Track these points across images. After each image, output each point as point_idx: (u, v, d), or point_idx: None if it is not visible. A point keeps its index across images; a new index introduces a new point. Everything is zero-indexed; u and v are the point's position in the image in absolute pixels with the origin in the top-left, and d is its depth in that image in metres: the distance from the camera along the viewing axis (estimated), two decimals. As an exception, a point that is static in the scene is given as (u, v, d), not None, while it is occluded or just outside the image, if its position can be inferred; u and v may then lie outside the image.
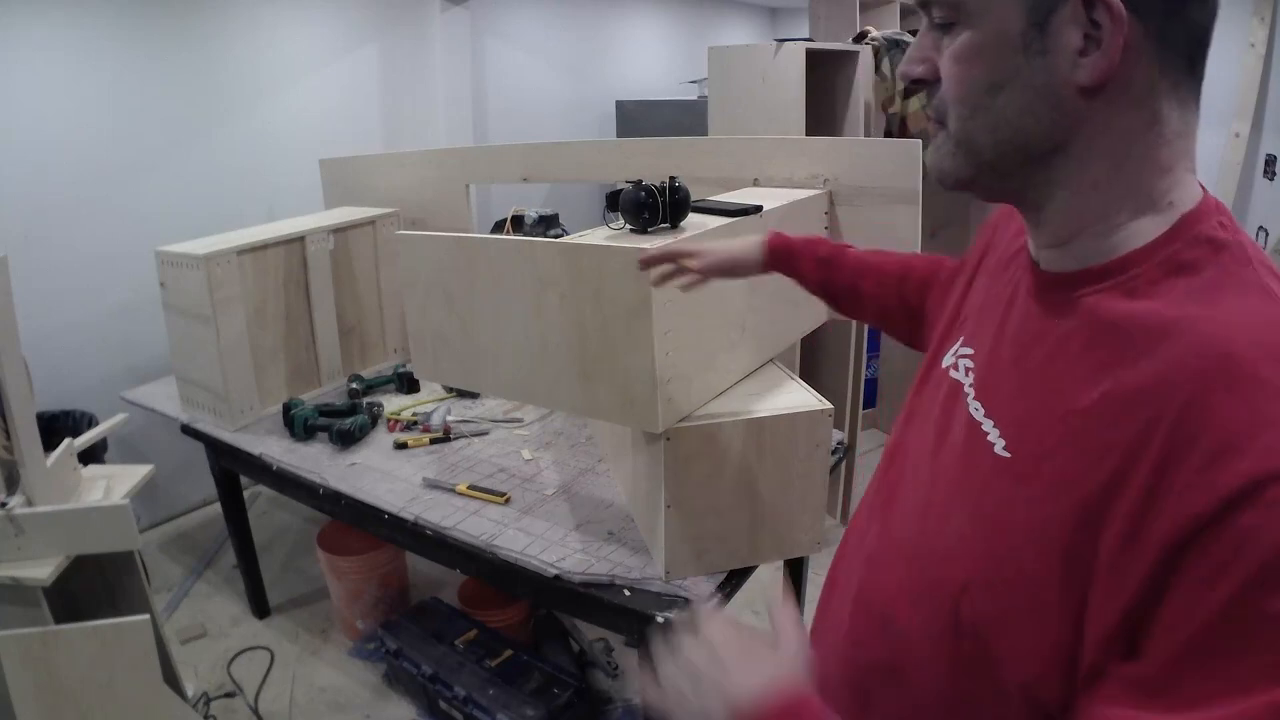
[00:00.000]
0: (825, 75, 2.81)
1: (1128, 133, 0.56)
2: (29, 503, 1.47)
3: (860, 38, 2.85)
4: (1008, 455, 0.60)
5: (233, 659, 2.48)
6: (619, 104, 5.00)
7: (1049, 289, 0.63)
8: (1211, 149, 3.89)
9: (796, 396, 1.63)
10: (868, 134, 2.81)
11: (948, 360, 0.74)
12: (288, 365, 2.49)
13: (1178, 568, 0.48)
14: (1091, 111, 0.56)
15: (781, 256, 1.19)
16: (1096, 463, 0.52)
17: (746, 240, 1.19)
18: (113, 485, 1.68)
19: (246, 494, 2.63)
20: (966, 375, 0.70)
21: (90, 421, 2.78)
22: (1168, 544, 0.48)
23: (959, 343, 0.74)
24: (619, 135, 4.89)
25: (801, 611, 2.46)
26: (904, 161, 1.86)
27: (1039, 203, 0.61)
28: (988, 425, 0.63)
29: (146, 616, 1.49)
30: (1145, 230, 0.58)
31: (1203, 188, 0.60)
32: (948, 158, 0.62)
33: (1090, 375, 0.56)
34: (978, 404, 0.66)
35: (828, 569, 0.90)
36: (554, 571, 1.64)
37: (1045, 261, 0.63)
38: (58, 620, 1.48)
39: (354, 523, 2.15)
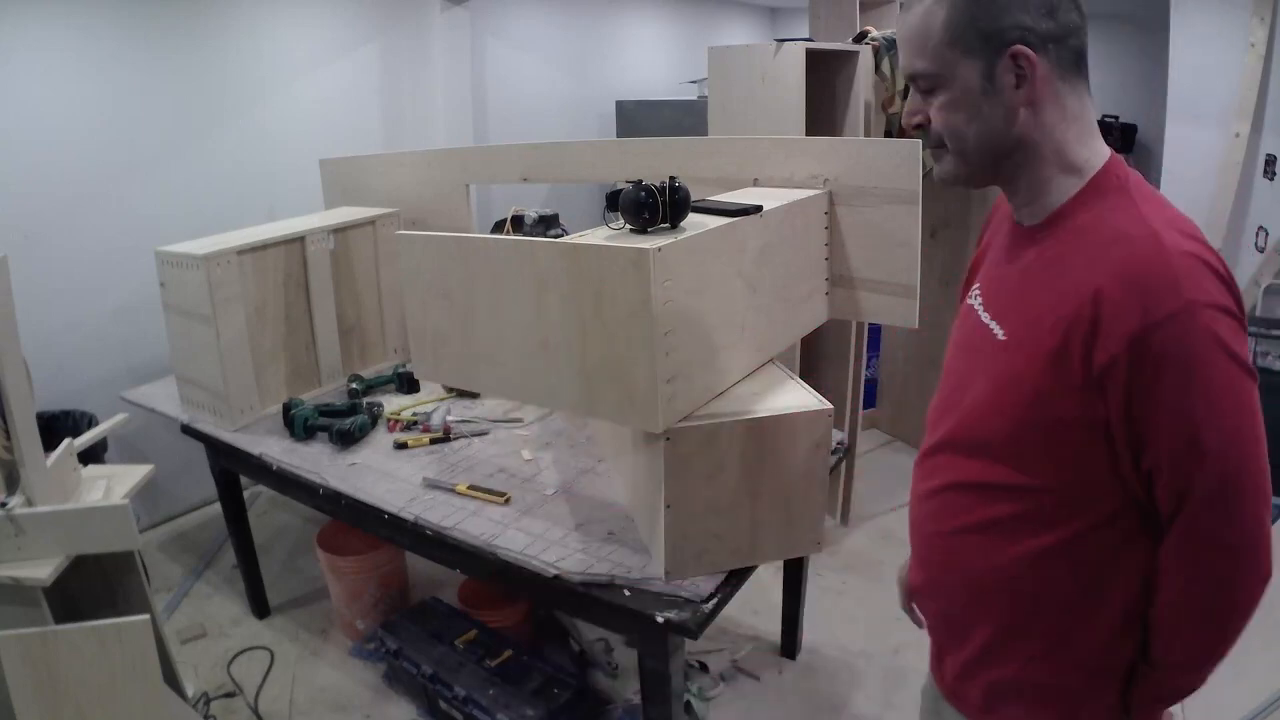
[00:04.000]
0: (825, 75, 2.81)
1: (1050, 124, 0.92)
2: (29, 503, 1.46)
3: (860, 38, 2.85)
4: (1004, 338, 0.97)
5: (233, 659, 2.48)
6: (619, 104, 5.00)
7: (1022, 238, 1.00)
8: (1211, 149, 3.89)
9: (796, 396, 1.63)
10: (868, 134, 2.81)
11: (969, 300, 1.09)
12: (288, 365, 2.49)
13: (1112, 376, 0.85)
14: (1029, 117, 0.92)
15: None
16: (1053, 328, 0.88)
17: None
18: (113, 485, 1.68)
19: (246, 494, 2.63)
20: (976, 300, 1.06)
21: (90, 421, 2.78)
22: (1104, 366, 0.85)
23: (976, 286, 1.09)
24: (619, 135, 4.89)
25: (801, 609, 2.46)
26: (904, 161, 1.85)
27: (1014, 180, 0.97)
28: (992, 325, 1.00)
29: (146, 616, 1.49)
30: (1068, 187, 0.94)
31: (1113, 150, 0.95)
32: (953, 168, 0.98)
33: (1044, 284, 0.93)
34: (986, 314, 1.02)
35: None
36: (554, 571, 1.64)
37: (1023, 219, 1.00)
38: (58, 620, 1.48)
39: (354, 523, 2.15)
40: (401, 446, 2.18)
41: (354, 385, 2.50)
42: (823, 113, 2.83)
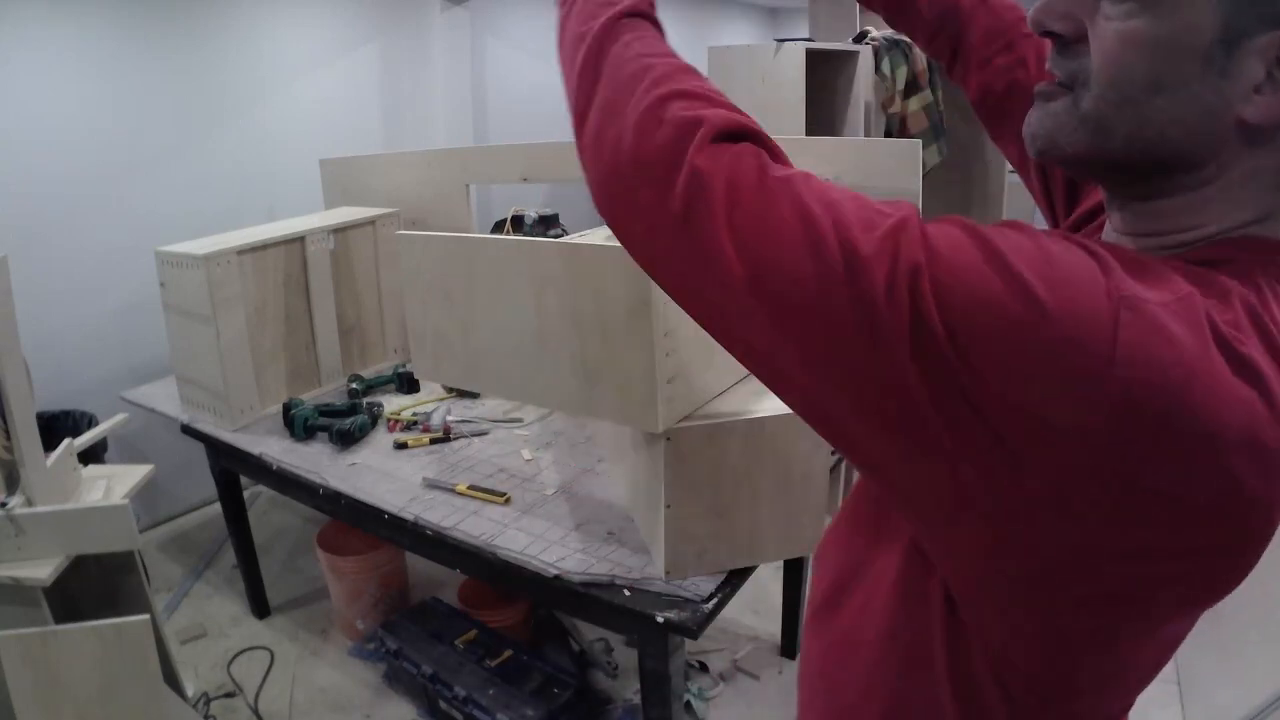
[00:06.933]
0: (825, 75, 2.81)
1: (1257, 171, 0.55)
2: (29, 503, 1.47)
3: (860, 38, 2.85)
4: None
5: (233, 659, 2.48)
6: (619, 104, 5.00)
7: None
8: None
9: (796, 396, 1.62)
10: (868, 134, 2.81)
11: None
12: (288, 365, 2.49)
13: None
14: (1237, 143, 0.54)
15: None
16: None
17: None
18: (113, 485, 1.68)
19: (246, 494, 2.63)
20: None
21: (90, 421, 2.78)
22: None
23: None
24: (619, 135, 4.88)
25: (801, 609, 2.46)
26: (904, 161, 1.85)
27: (1145, 197, 0.60)
28: None
29: (146, 616, 1.49)
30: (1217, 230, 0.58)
31: None
32: (1066, 129, 0.59)
33: None
34: None
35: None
36: (554, 571, 1.64)
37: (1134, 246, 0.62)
38: (58, 620, 1.48)
39: (354, 523, 2.15)
40: (401, 446, 2.18)
41: (354, 385, 2.50)
42: (823, 113, 2.83)
